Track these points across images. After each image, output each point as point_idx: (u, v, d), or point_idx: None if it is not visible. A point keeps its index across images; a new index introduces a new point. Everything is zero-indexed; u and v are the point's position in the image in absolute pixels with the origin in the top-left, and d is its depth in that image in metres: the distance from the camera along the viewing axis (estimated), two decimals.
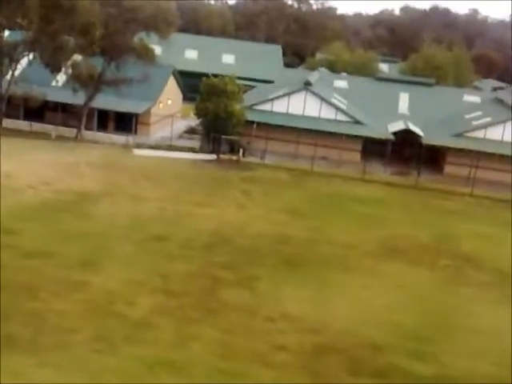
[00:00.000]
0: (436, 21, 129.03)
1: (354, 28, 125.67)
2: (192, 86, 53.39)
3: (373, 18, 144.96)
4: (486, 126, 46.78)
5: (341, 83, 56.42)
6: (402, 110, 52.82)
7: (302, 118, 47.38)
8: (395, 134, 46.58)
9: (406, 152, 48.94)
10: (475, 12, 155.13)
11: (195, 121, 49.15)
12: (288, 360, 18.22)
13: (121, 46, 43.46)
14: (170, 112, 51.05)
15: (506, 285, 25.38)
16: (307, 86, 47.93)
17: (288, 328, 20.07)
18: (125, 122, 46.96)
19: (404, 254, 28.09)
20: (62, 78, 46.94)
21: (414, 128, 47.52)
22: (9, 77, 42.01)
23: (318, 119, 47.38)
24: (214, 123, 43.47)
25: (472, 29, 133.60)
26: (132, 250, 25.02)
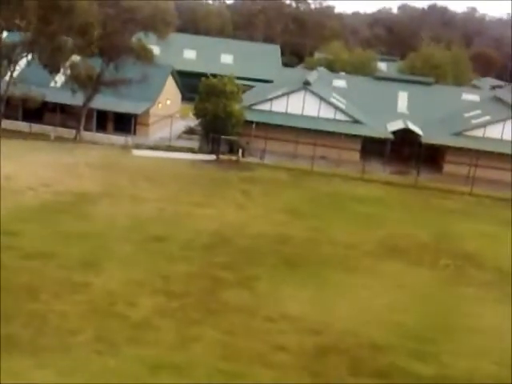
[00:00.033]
0: (434, 19, 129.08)
1: (352, 27, 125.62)
2: (191, 86, 53.39)
3: (371, 16, 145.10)
4: (485, 124, 46.76)
5: (340, 82, 56.41)
6: (401, 109, 52.79)
7: (301, 117, 47.36)
8: (394, 133, 46.55)
9: (405, 151, 48.93)
10: (473, 10, 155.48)
11: (194, 121, 49.09)
12: (288, 360, 18.22)
13: (119, 46, 43.42)
14: (168, 112, 51.02)
15: (506, 284, 25.40)
16: (306, 85, 47.91)
17: (288, 328, 20.07)
18: (124, 123, 46.92)
19: (404, 253, 28.09)
20: (60, 79, 46.89)
21: (413, 127, 47.50)
22: (7, 78, 41.95)
23: (317, 119, 47.36)
24: (213, 123, 43.42)
25: (470, 27, 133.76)
26: (132, 250, 25.03)
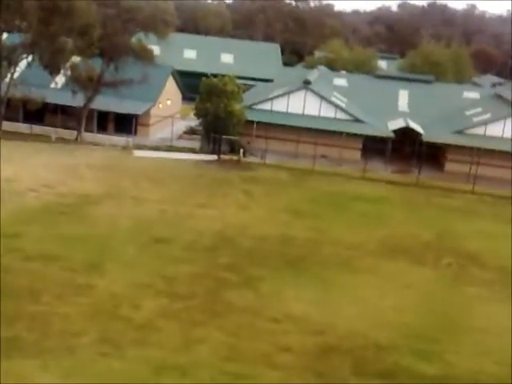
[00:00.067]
0: (434, 17, 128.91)
1: (351, 25, 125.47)
2: (191, 85, 53.38)
3: (370, 14, 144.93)
4: (486, 122, 46.74)
5: (340, 81, 56.42)
6: (402, 107, 52.79)
7: (302, 116, 47.35)
8: (395, 131, 46.49)
9: (406, 150, 48.96)
10: (473, 7, 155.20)
11: (195, 121, 49.05)
12: (292, 361, 18.22)
13: (119, 46, 43.38)
14: (169, 112, 51.00)
15: (508, 283, 25.33)
16: (307, 84, 47.89)
17: (292, 329, 20.07)
18: (124, 124, 46.92)
19: (407, 252, 28.08)
20: (61, 80, 46.91)
21: (414, 125, 47.47)
22: (8, 79, 41.93)
23: (318, 118, 47.37)
24: (214, 123, 43.40)
25: (470, 24, 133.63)
26: (135, 252, 25.02)
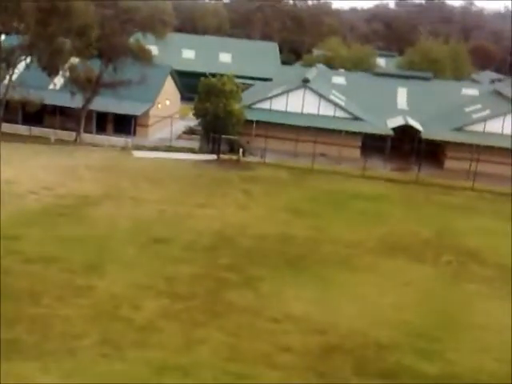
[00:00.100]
0: (432, 14, 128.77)
1: (349, 23, 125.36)
2: (190, 85, 53.38)
3: (368, 12, 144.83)
4: (485, 119, 46.73)
5: (339, 79, 56.41)
6: (401, 105, 52.78)
7: (301, 115, 47.34)
8: (394, 129, 46.51)
9: (405, 147, 48.97)
10: (470, 4, 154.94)
11: (194, 121, 49.02)
12: (293, 361, 18.22)
13: (118, 47, 43.36)
14: (168, 113, 50.98)
15: (509, 280, 25.33)
16: (305, 83, 47.86)
17: (293, 329, 20.07)
18: (124, 124, 46.92)
19: (407, 250, 28.09)
20: (59, 82, 46.87)
21: (414, 123, 47.47)
22: (6, 81, 41.92)
23: (317, 116, 47.34)
24: (214, 123, 43.38)
25: (468, 21, 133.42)
26: (135, 252, 25.03)
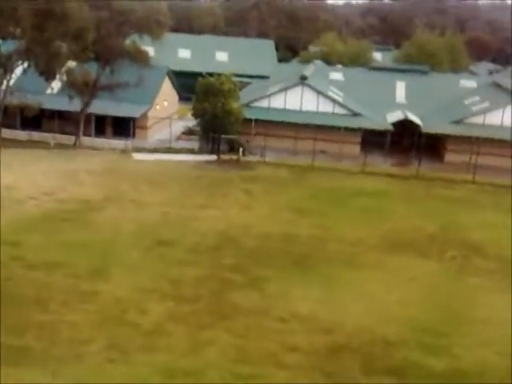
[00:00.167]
0: (427, 6, 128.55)
1: (344, 18, 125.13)
2: (187, 85, 53.28)
3: (363, 6, 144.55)
4: (484, 111, 46.59)
5: (336, 75, 56.27)
6: (400, 99, 52.67)
7: (300, 112, 47.25)
8: (394, 124, 46.41)
9: (405, 142, 48.92)
10: None
11: (192, 121, 48.90)
12: (301, 360, 18.25)
13: (114, 49, 43.20)
14: (166, 113, 50.91)
15: (509, 272, 25.31)
16: (303, 80, 47.75)
17: (299, 328, 20.08)
18: (122, 127, 46.84)
19: (410, 246, 28.08)
20: (57, 86, 46.77)
21: (413, 117, 47.39)
22: (4, 87, 41.83)
23: (316, 113, 47.24)
24: (212, 123, 43.30)
25: (463, 12, 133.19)
26: (139, 256, 25.00)
